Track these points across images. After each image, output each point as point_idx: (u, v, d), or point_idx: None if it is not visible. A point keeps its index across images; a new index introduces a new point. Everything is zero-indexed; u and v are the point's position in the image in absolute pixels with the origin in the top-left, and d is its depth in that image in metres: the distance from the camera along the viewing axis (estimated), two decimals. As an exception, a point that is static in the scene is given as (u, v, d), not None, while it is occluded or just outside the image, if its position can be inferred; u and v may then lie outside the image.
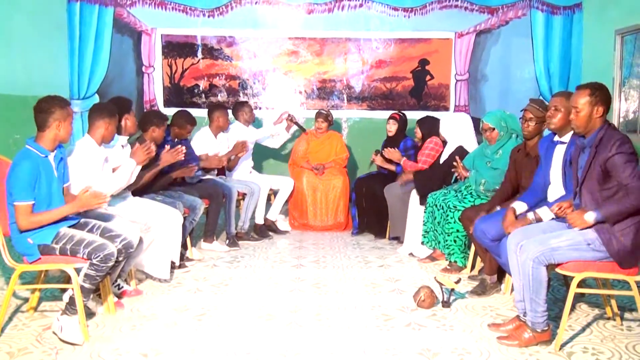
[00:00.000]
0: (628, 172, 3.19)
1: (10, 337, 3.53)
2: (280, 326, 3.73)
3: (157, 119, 5.09)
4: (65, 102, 3.63)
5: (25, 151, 3.49)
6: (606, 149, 3.23)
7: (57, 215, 3.50)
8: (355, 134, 8.13)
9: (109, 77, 7.87)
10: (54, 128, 3.52)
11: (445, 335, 3.60)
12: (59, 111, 3.52)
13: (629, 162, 3.20)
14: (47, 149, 3.53)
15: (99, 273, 3.49)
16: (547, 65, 7.89)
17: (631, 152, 3.22)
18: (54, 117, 3.50)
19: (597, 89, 3.35)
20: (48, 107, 3.51)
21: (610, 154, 3.21)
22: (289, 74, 8.15)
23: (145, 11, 7.89)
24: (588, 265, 3.34)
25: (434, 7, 7.95)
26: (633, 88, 6.54)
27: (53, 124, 3.51)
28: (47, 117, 3.50)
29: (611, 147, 3.21)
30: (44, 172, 3.49)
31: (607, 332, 3.64)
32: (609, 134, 3.28)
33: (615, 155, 3.20)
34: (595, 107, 3.32)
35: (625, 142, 3.22)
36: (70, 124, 3.61)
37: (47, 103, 3.54)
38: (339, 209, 6.69)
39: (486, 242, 3.99)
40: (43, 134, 3.53)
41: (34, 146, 3.51)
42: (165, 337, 3.55)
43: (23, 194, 3.38)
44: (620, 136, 3.25)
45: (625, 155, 3.20)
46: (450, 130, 5.42)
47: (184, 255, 5.12)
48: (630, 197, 3.19)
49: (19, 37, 6.51)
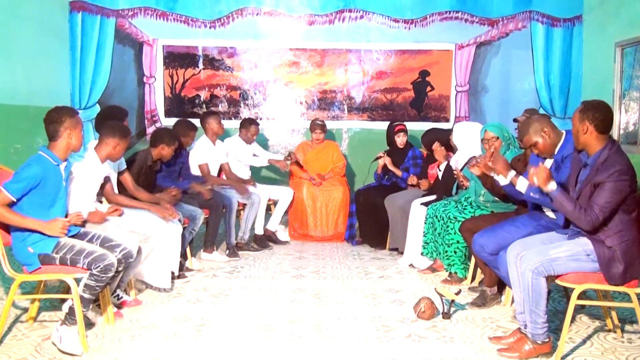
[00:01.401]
0: (604, 200, 3.18)
1: (9, 347, 3.52)
2: (280, 337, 3.72)
3: (168, 138, 5.12)
4: (74, 111, 3.67)
5: (38, 157, 3.52)
6: (606, 173, 3.21)
7: (25, 224, 3.45)
8: (355, 144, 8.14)
9: (110, 87, 7.90)
10: (65, 137, 3.55)
11: (446, 347, 3.59)
12: (69, 120, 3.56)
13: (613, 194, 3.18)
14: (60, 158, 3.57)
15: (99, 283, 3.49)
16: (547, 77, 7.92)
17: (624, 186, 3.19)
18: (64, 126, 3.54)
19: (590, 107, 3.35)
20: (58, 116, 3.55)
21: (607, 180, 3.20)
22: (289, 84, 8.17)
23: (146, 22, 7.93)
24: (588, 277, 3.34)
25: (434, 18, 7.98)
26: (633, 100, 6.55)
27: (64, 133, 3.55)
28: (58, 127, 3.54)
29: (612, 173, 3.19)
30: (53, 180, 3.51)
31: (607, 345, 3.63)
32: (612, 159, 3.24)
33: (610, 182, 3.19)
34: (582, 123, 3.32)
35: (624, 172, 3.19)
36: (81, 131, 3.65)
37: (57, 113, 3.57)
38: (339, 219, 6.69)
39: (485, 255, 3.99)
40: (55, 144, 3.56)
41: (48, 154, 3.54)
42: (165, 347, 3.54)
43: (13, 187, 3.38)
44: (622, 166, 3.21)
45: (615, 185, 3.18)
46: (462, 138, 5.40)
47: (183, 265, 5.11)
48: (582, 214, 3.21)
49: (21, 47, 6.54)
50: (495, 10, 7.95)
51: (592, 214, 3.20)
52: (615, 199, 3.18)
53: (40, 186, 3.45)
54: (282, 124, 8.18)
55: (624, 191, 3.19)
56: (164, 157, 5.12)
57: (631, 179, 3.22)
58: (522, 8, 7.93)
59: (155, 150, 5.09)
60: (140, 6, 7.88)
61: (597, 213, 3.19)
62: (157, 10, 7.91)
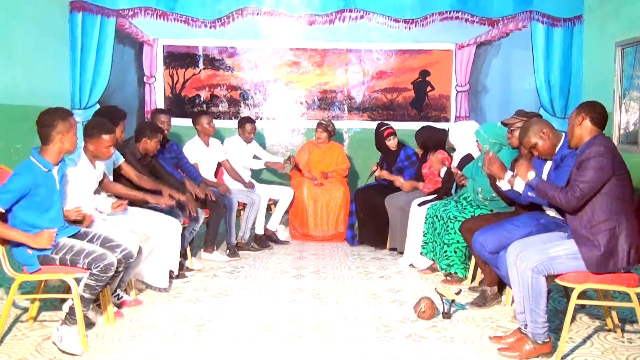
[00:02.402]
0: (584, 178, 3.23)
1: (9, 347, 3.52)
2: (280, 337, 3.72)
3: (149, 131, 5.07)
4: (68, 113, 3.57)
5: (28, 163, 3.45)
6: (587, 153, 3.26)
7: (11, 236, 3.41)
8: (355, 144, 8.14)
9: (110, 87, 7.90)
10: (57, 141, 3.48)
11: (446, 347, 3.59)
12: (61, 124, 3.47)
13: (593, 172, 3.22)
14: (52, 162, 3.50)
15: (99, 283, 3.49)
16: (548, 77, 7.93)
17: (604, 163, 3.22)
18: (56, 130, 3.46)
19: (587, 103, 3.47)
20: (50, 120, 3.46)
21: (587, 158, 3.24)
22: (290, 84, 8.18)
23: (147, 22, 7.93)
24: (588, 277, 3.34)
25: (434, 18, 7.98)
26: (633, 100, 6.55)
27: (56, 137, 3.47)
28: (49, 131, 3.46)
29: (591, 151, 3.25)
30: (44, 187, 3.46)
31: (608, 344, 3.63)
32: (592, 143, 3.30)
33: (590, 160, 3.23)
34: (577, 116, 3.41)
35: (603, 153, 3.23)
36: (75, 134, 3.56)
37: (49, 116, 3.48)
38: (339, 219, 6.69)
39: (485, 254, 3.98)
40: (47, 148, 3.49)
41: (38, 159, 3.47)
42: (165, 347, 3.54)
43: (2, 198, 3.33)
44: (601, 147, 3.26)
45: (597, 162, 3.22)
46: (458, 137, 5.41)
47: (183, 265, 5.11)
48: (560, 194, 3.29)
49: (21, 47, 6.54)
50: (496, 10, 7.95)
51: (571, 192, 3.26)
52: (596, 176, 3.22)
53: (31, 194, 3.40)
54: (282, 124, 8.19)
55: (604, 170, 3.22)
56: (149, 150, 5.07)
57: (612, 159, 3.25)
58: (522, 8, 7.94)
59: (140, 145, 5.07)
60: (140, 6, 7.89)
61: (575, 192, 3.24)
62: (158, 10, 7.91)
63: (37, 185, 3.42)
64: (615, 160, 3.27)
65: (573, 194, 3.25)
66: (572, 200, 3.26)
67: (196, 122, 6.22)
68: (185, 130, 7.68)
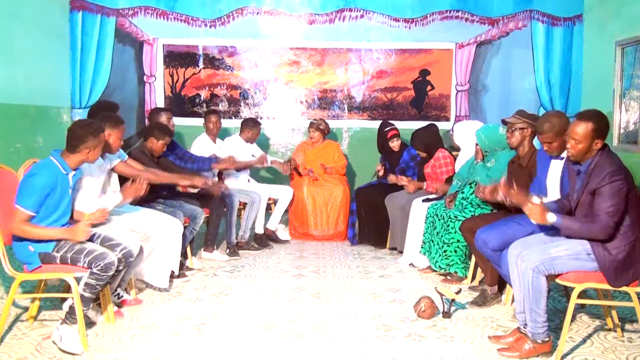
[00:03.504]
0: (607, 204, 3.19)
1: (9, 346, 3.52)
2: (280, 336, 3.72)
3: (157, 132, 5.09)
4: (100, 129, 3.64)
5: (48, 162, 3.51)
6: (598, 178, 3.22)
7: (47, 235, 3.48)
8: (356, 144, 8.14)
9: (110, 86, 7.89)
10: (83, 154, 3.56)
11: (446, 346, 3.59)
12: (91, 141, 3.56)
13: (612, 196, 3.19)
14: (71, 167, 3.57)
15: (99, 282, 3.49)
16: (548, 76, 7.92)
17: (620, 185, 3.19)
18: (86, 145, 3.54)
19: (599, 123, 3.29)
20: (82, 135, 3.54)
21: (602, 185, 3.21)
22: (290, 84, 8.17)
23: (147, 21, 7.93)
24: (588, 276, 3.34)
25: (434, 18, 7.98)
26: (633, 99, 6.55)
27: (83, 150, 3.55)
28: (78, 144, 3.54)
29: (604, 177, 3.20)
30: (60, 188, 3.51)
31: (608, 344, 3.63)
32: (601, 163, 3.26)
33: (606, 186, 3.20)
34: (595, 141, 3.29)
35: (616, 173, 3.20)
36: (100, 149, 3.65)
37: (83, 130, 3.55)
38: (339, 218, 6.69)
39: (487, 252, 3.99)
40: (71, 155, 3.56)
41: (59, 160, 3.53)
42: (165, 346, 3.54)
43: (29, 202, 3.39)
44: (614, 167, 3.22)
45: (613, 187, 3.19)
46: (463, 137, 5.40)
47: (184, 264, 5.11)
48: (594, 225, 3.22)
49: (21, 46, 6.53)
50: (496, 9, 7.94)
51: (601, 222, 3.20)
52: (617, 200, 3.19)
53: (50, 194, 3.46)
54: (282, 123, 8.18)
55: (622, 190, 3.19)
56: (154, 150, 5.09)
57: (625, 176, 3.23)
58: (522, 7, 7.93)
59: (145, 143, 5.09)
60: (140, 5, 7.88)
61: (604, 219, 3.19)
62: (158, 10, 7.91)
63: (56, 185, 3.47)
64: (628, 175, 3.25)
65: (602, 224, 3.20)
66: (607, 230, 3.21)
67: (205, 119, 6.41)
68: (185, 130, 7.70)
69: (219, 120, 6.44)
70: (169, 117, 5.74)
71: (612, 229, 3.22)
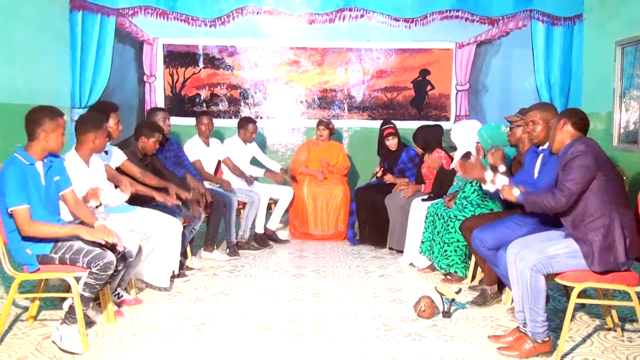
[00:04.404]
0: (569, 177, 3.26)
1: (9, 346, 3.52)
2: (280, 336, 3.73)
3: (146, 129, 5.08)
4: (57, 112, 3.56)
5: (11, 159, 3.45)
6: (568, 157, 3.29)
7: (64, 232, 3.47)
8: (355, 143, 8.14)
9: (110, 86, 7.89)
10: (41, 139, 3.48)
11: (446, 346, 3.59)
12: (47, 123, 3.48)
13: (575, 169, 3.25)
14: (35, 158, 3.50)
15: (99, 282, 3.49)
16: (548, 76, 7.92)
17: (585, 161, 3.24)
18: (42, 128, 3.46)
19: (569, 109, 3.56)
20: (37, 117, 3.48)
21: (568, 160, 3.27)
22: (290, 83, 8.17)
23: (147, 21, 7.93)
24: (588, 276, 3.34)
25: (434, 17, 7.98)
26: (633, 99, 6.55)
27: (41, 134, 3.47)
28: (35, 128, 3.47)
29: (571, 153, 3.28)
30: (31, 180, 3.45)
31: (607, 343, 3.63)
32: (573, 145, 3.33)
33: (570, 161, 3.26)
34: (559, 121, 3.46)
35: (584, 152, 3.25)
36: (61, 135, 3.55)
37: (37, 113, 3.50)
38: (339, 218, 6.69)
39: (484, 251, 3.99)
40: (32, 144, 3.50)
41: (21, 154, 3.47)
42: (165, 346, 3.54)
43: (14, 197, 3.34)
44: (581, 146, 3.28)
45: (578, 161, 3.24)
46: (460, 136, 5.41)
47: (183, 264, 5.11)
48: (549, 195, 3.31)
49: (21, 46, 6.54)
50: (496, 9, 7.94)
51: (561, 191, 3.28)
52: (579, 174, 3.24)
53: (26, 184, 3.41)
54: (282, 123, 8.18)
55: (589, 168, 3.24)
56: (147, 149, 5.08)
57: (594, 156, 3.26)
58: (522, 7, 7.93)
59: (139, 144, 5.09)
60: (140, 5, 7.88)
61: (565, 188, 3.26)
62: (158, 9, 7.91)
63: (25, 177, 3.41)
64: (599, 158, 3.30)
65: (561, 194, 3.27)
66: (561, 200, 3.28)
67: (197, 121, 6.32)
68: (185, 129, 7.69)
69: (211, 122, 6.30)
70: (164, 117, 5.72)
71: (567, 202, 3.28)
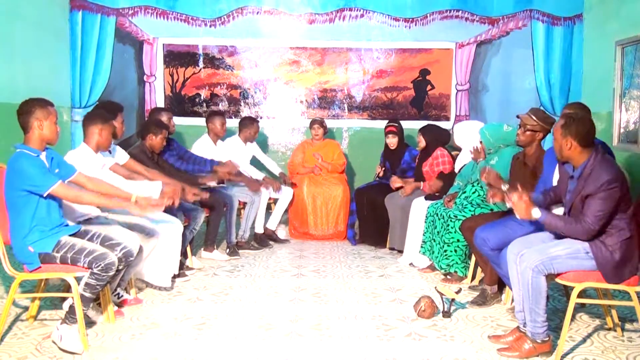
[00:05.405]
0: (597, 209, 3.21)
1: (9, 345, 3.53)
2: (280, 336, 3.73)
3: (154, 127, 5.11)
4: (46, 102, 3.60)
5: (19, 153, 3.48)
6: (595, 185, 3.22)
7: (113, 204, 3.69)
8: (356, 143, 8.14)
9: (110, 86, 7.89)
10: (36, 128, 3.50)
11: (446, 346, 3.59)
12: (39, 110, 3.50)
13: (605, 202, 3.20)
14: (37, 149, 3.52)
15: (100, 282, 3.49)
16: (548, 76, 7.92)
17: (615, 193, 3.20)
18: (34, 116, 3.49)
19: (572, 121, 3.32)
20: (28, 108, 3.51)
21: (598, 192, 3.21)
22: (290, 83, 8.17)
23: (147, 21, 7.93)
24: (588, 276, 3.34)
25: (434, 17, 7.97)
26: (633, 99, 6.55)
27: (34, 123, 3.49)
28: (27, 118, 3.50)
29: (601, 184, 3.20)
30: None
31: (607, 343, 3.63)
32: (598, 169, 3.25)
33: (601, 193, 3.21)
34: (565, 139, 3.33)
35: (612, 181, 3.20)
36: (54, 123, 3.58)
37: (27, 104, 3.53)
38: (339, 218, 6.68)
39: (486, 250, 3.99)
40: (28, 136, 3.52)
41: (24, 148, 3.50)
42: (165, 346, 3.54)
43: (45, 180, 3.39)
44: (609, 175, 3.21)
45: (607, 194, 3.20)
46: (464, 137, 5.41)
47: (184, 264, 5.11)
48: (577, 226, 3.25)
49: (21, 45, 6.53)
50: (496, 9, 7.94)
51: (585, 224, 3.23)
52: (608, 207, 3.21)
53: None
54: (282, 122, 8.18)
55: (615, 198, 3.21)
56: (154, 147, 5.11)
57: (621, 184, 3.23)
58: (522, 7, 7.92)
59: (146, 142, 5.10)
60: (140, 5, 7.88)
61: (589, 222, 3.22)
62: (158, 9, 7.91)
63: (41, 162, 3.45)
64: (624, 181, 3.26)
65: (585, 226, 3.23)
66: (585, 233, 3.25)
67: (209, 121, 6.31)
68: (185, 129, 7.71)
69: (224, 123, 6.33)
70: (169, 117, 5.73)
71: (595, 232, 3.25)
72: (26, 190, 3.40)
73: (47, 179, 3.40)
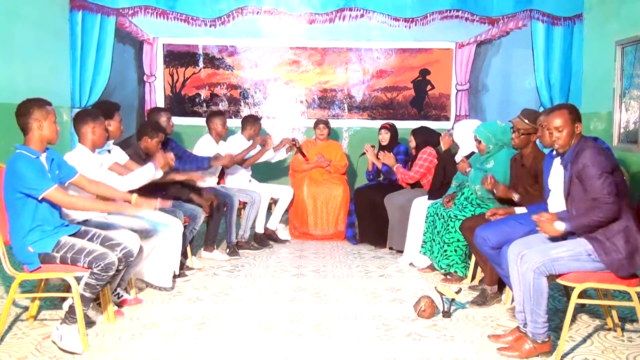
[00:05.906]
0: (598, 184, 3.22)
1: (9, 345, 3.53)
2: (280, 336, 3.73)
3: (150, 130, 5.09)
4: (44, 101, 3.59)
5: (17, 154, 3.47)
6: (582, 161, 3.27)
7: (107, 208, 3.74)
8: (355, 143, 8.12)
9: (110, 86, 7.89)
10: (35, 129, 3.49)
11: (446, 346, 3.59)
12: (37, 111, 3.50)
13: (600, 175, 3.22)
14: (37, 150, 3.51)
15: (100, 282, 3.49)
16: (548, 76, 7.91)
17: (604, 162, 3.24)
18: (33, 117, 3.49)
19: (575, 109, 3.48)
20: (26, 109, 3.50)
21: (582, 165, 3.26)
22: (290, 83, 8.17)
23: (147, 21, 7.92)
24: (589, 276, 3.34)
25: (434, 17, 7.97)
26: (633, 99, 6.54)
27: (34, 124, 3.49)
28: (26, 120, 3.49)
29: (582, 158, 3.26)
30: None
31: (607, 343, 3.63)
32: (582, 148, 3.32)
33: (587, 167, 3.24)
34: (575, 124, 3.41)
35: (597, 153, 3.24)
36: (53, 122, 3.57)
37: (25, 105, 3.52)
38: (339, 218, 6.69)
39: (486, 250, 3.98)
40: (28, 137, 3.52)
41: (24, 149, 3.49)
42: (165, 346, 3.54)
43: (41, 183, 3.38)
44: (594, 148, 3.27)
45: (596, 167, 3.23)
46: (463, 136, 5.41)
47: (184, 264, 5.11)
48: (597, 211, 3.24)
49: (21, 46, 6.53)
50: (496, 9, 7.93)
51: (601, 204, 3.23)
52: (606, 176, 3.23)
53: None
54: (282, 122, 8.18)
55: (608, 165, 3.25)
56: (150, 149, 5.09)
57: (606, 155, 3.29)
58: (522, 7, 7.92)
59: (141, 144, 5.09)
60: (140, 5, 7.87)
61: (603, 200, 3.22)
62: (158, 9, 7.90)
63: (39, 164, 3.45)
64: (610, 156, 3.34)
65: (606, 205, 3.22)
66: (611, 208, 3.23)
67: (210, 121, 6.31)
68: (185, 129, 7.71)
69: (225, 122, 6.36)
70: (168, 118, 5.73)
71: (615, 206, 3.23)
72: (22, 193, 3.40)
73: (43, 183, 3.39)
